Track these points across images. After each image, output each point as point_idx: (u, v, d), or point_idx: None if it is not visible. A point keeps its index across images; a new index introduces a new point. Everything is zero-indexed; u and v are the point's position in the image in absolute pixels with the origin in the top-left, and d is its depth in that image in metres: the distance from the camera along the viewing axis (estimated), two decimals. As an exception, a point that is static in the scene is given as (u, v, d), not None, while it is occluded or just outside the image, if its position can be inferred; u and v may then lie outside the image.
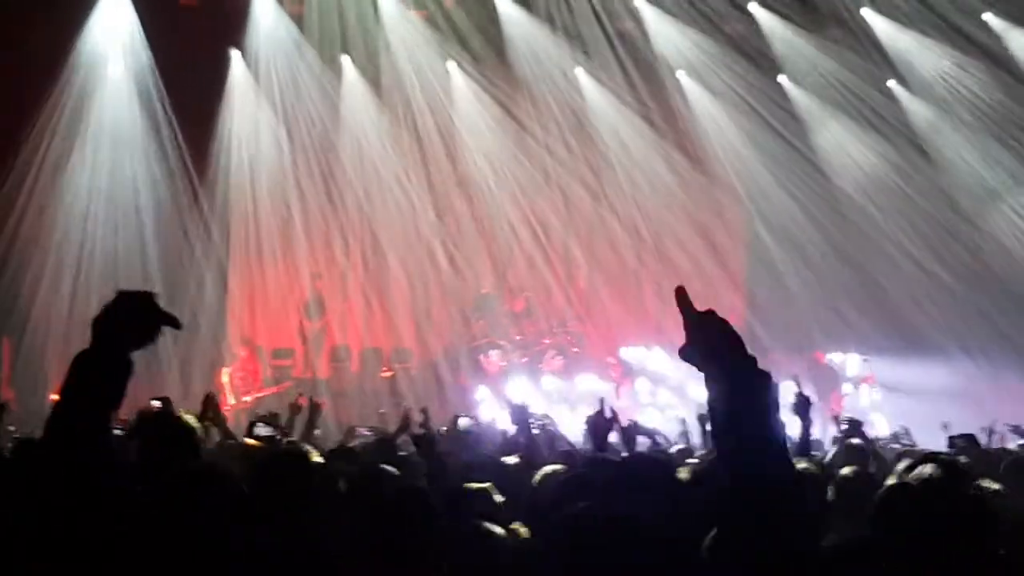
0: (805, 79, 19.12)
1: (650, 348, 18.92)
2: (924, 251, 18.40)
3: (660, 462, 5.34)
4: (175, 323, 2.86)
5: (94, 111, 18.01)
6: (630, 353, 19.07)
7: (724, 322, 2.69)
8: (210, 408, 7.38)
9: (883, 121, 18.87)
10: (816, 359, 18.37)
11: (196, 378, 16.88)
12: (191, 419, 4.87)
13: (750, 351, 2.66)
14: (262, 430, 6.54)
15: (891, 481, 4.43)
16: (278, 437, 6.57)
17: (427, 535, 4.13)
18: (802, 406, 6.81)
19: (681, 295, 2.73)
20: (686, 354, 2.69)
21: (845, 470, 5.37)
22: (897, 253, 18.73)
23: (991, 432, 11.08)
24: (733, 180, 19.73)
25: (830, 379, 18.14)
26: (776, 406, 2.65)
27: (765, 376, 2.64)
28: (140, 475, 4.46)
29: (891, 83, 18.92)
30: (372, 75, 19.40)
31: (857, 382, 18.31)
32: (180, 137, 18.17)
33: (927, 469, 3.93)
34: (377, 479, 5.92)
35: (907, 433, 11.22)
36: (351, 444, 8.78)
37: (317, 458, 4.52)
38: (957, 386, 16.51)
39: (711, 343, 2.66)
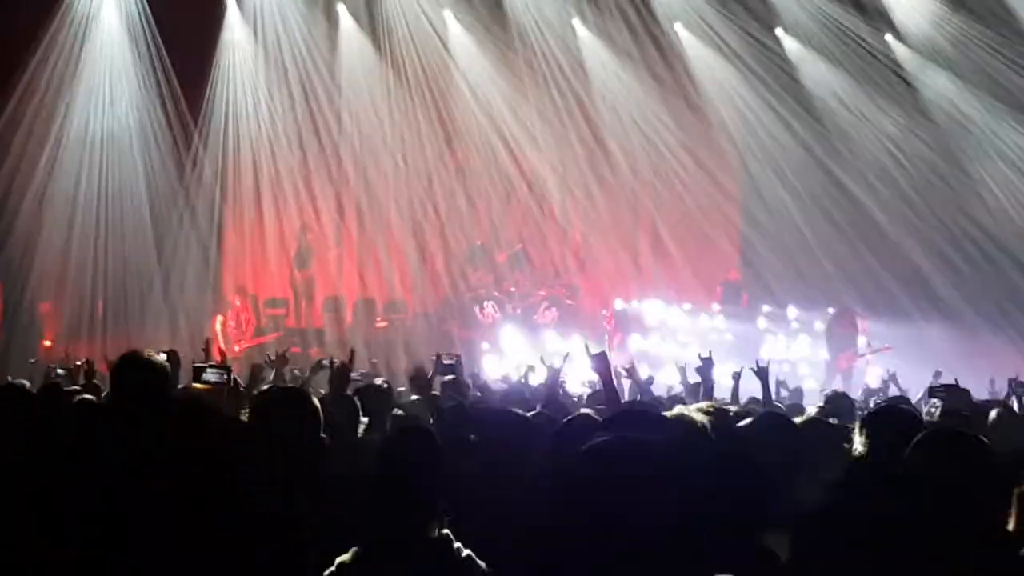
0: (802, 32, 18.98)
1: (642, 301, 18.88)
2: (921, 207, 18.38)
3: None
4: None
5: (88, 57, 17.92)
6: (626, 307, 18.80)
7: None
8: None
9: (881, 76, 18.77)
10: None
11: (189, 326, 16.94)
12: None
13: None
14: (211, 375, 6.51)
15: None
16: (224, 379, 6.55)
17: (432, 476, 4.06)
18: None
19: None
20: None
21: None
22: (895, 210, 18.68)
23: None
24: (731, 131, 19.63)
25: (847, 336, 17.59)
26: None
27: None
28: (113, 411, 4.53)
29: (888, 37, 18.78)
30: (369, 24, 19.26)
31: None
32: (175, 85, 18.11)
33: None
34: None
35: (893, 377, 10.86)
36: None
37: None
38: (955, 344, 16.41)
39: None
